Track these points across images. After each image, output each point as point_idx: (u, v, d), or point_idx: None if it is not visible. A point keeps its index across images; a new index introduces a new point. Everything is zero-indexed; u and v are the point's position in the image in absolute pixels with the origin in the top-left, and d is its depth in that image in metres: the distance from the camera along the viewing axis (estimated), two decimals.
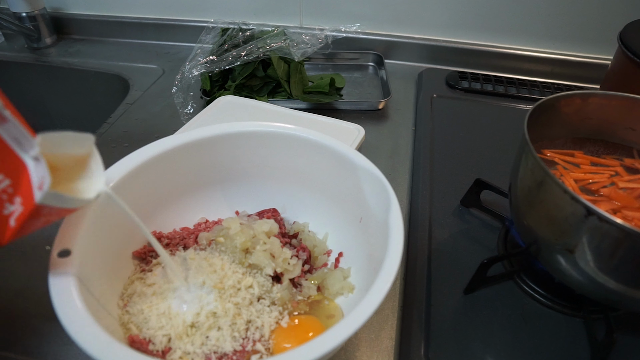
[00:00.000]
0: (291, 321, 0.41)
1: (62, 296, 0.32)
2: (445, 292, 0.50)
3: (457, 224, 0.59)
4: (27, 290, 0.50)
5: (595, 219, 0.36)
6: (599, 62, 0.89)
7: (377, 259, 0.38)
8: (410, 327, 0.47)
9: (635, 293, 0.40)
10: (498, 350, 0.45)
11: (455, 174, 0.66)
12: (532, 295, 0.50)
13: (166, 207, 0.48)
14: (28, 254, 0.53)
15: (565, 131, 0.53)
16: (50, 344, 0.45)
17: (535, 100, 0.51)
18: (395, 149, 0.73)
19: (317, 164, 0.48)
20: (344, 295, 0.45)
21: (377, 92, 0.88)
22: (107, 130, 0.75)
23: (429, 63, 0.96)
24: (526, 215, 0.46)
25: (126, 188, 0.42)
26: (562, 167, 0.49)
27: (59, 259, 0.34)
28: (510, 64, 0.93)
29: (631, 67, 0.65)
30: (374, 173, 0.43)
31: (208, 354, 0.37)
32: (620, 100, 0.50)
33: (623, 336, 0.45)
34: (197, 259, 0.43)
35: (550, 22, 0.89)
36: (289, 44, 0.80)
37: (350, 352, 0.46)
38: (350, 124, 0.65)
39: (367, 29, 0.96)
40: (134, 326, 0.38)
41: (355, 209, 0.46)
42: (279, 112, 0.68)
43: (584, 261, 0.40)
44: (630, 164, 0.50)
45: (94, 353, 0.29)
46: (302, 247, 0.50)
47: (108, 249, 0.41)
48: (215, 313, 0.39)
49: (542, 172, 0.41)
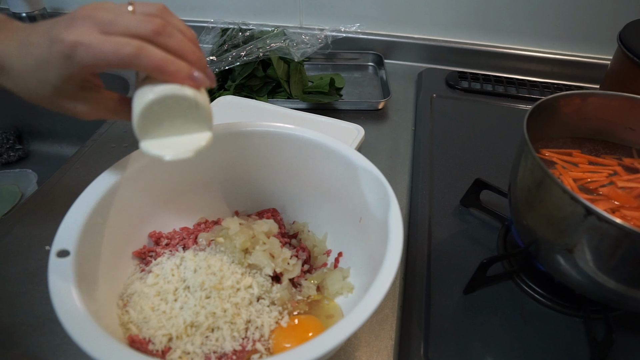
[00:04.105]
0: (291, 321, 0.41)
1: (62, 296, 0.32)
2: (444, 292, 0.50)
3: (457, 223, 0.59)
4: (26, 290, 0.50)
5: (595, 218, 0.36)
6: (598, 62, 0.90)
7: (376, 258, 0.38)
8: (410, 327, 0.47)
9: (634, 293, 0.40)
10: (497, 350, 0.45)
11: (455, 174, 0.66)
12: (531, 295, 0.50)
13: (166, 207, 0.48)
14: (27, 254, 0.53)
15: (565, 131, 0.53)
16: (50, 344, 0.45)
17: (535, 100, 0.51)
18: (394, 149, 0.73)
19: (317, 164, 0.48)
20: (344, 295, 0.45)
21: (377, 92, 0.88)
22: (107, 130, 0.75)
23: (428, 63, 0.97)
24: (526, 215, 0.46)
25: (126, 188, 0.42)
26: (560, 166, 0.49)
27: (59, 259, 0.34)
28: (510, 64, 0.93)
29: (631, 67, 0.65)
30: (373, 173, 0.43)
31: (208, 354, 0.37)
32: (620, 100, 0.50)
33: (622, 336, 0.45)
34: (197, 259, 0.43)
35: (550, 22, 0.89)
36: (289, 44, 0.80)
37: (350, 352, 0.46)
38: (350, 124, 0.65)
39: (367, 29, 0.96)
40: (133, 326, 0.38)
41: (355, 209, 0.46)
42: (279, 112, 0.68)
43: (583, 261, 0.40)
44: (629, 163, 0.50)
45: (94, 353, 0.29)
46: (301, 247, 0.50)
47: (108, 249, 0.41)
48: (214, 313, 0.39)
49: (541, 172, 0.41)
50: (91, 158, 0.69)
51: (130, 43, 0.32)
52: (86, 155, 0.70)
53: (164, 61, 0.33)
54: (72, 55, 0.32)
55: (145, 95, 0.34)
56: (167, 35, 0.34)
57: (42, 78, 0.34)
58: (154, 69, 0.33)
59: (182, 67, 0.34)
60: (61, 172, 0.66)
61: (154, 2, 0.37)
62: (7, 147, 0.99)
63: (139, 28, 0.33)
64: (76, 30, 0.32)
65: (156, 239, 0.47)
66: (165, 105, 0.34)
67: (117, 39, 0.32)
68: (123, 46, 0.32)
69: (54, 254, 0.34)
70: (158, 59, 0.33)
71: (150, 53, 0.33)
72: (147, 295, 0.40)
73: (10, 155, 0.98)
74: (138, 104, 0.35)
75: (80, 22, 0.33)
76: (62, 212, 0.37)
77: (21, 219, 0.58)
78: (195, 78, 0.35)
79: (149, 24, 0.33)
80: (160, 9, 0.35)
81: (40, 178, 0.93)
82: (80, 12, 0.33)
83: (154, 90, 0.34)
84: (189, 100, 0.35)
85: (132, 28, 0.33)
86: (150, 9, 0.35)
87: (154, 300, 0.40)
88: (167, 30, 0.34)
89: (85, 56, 0.32)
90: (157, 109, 0.34)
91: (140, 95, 0.35)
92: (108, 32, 0.33)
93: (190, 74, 0.35)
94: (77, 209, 0.38)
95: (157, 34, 0.33)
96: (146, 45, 0.33)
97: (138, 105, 0.34)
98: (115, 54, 0.32)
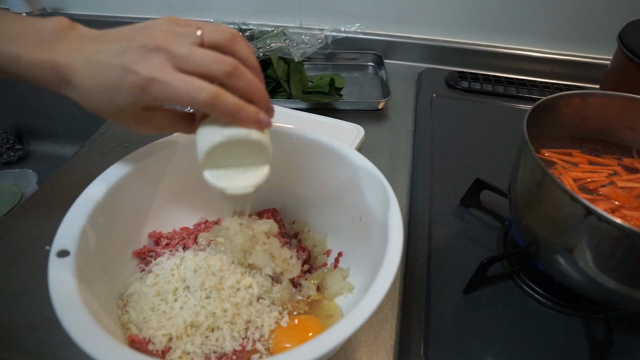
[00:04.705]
0: (291, 321, 0.41)
1: (62, 296, 0.32)
2: (444, 292, 0.50)
3: (457, 224, 0.59)
4: (26, 290, 0.50)
5: (595, 218, 0.36)
6: (598, 62, 0.90)
7: (376, 258, 0.38)
8: (409, 327, 0.47)
9: (634, 293, 0.40)
10: (497, 350, 0.45)
11: (455, 174, 0.66)
12: (531, 295, 0.50)
13: (166, 207, 0.48)
14: (27, 254, 0.53)
15: (565, 131, 0.53)
16: (50, 344, 0.45)
17: (535, 100, 0.51)
18: (394, 149, 0.73)
19: (317, 164, 0.48)
20: (344, 295, 0.45)
21: (377, 92, 0.88)
22: (107, 130, 0.75)
23: (428, 63, 0.96)
24: (526, 215, 0.46)
25: (126, 188, 0.43)
26: (560, 166, 0.49)
27: (59, 259, 0.34)
28: (510, 64, 0.93)
29: (631, 67, 0.65)
30: (373, 173, 0.43)
31: (208, 354, 0.37)
32: (620, 100, 0.50)
33: (622, 336, 0.45)
34: (197, 259, 0.43)
35: (550, 22, 0.89)
36: (289, 44, 0.80)
37: (350, 352, 0.46)
38: (350, 124, 0.65)
39: (367, 29, 0.96)
40: (133, 326, 0.38)
41: (355, 209, 0.46)
42: (279, 112, 0.68)
43: (583, 261, 0.40)
44: (629, 163, 0.50)
45: (94, 353, 0.29)
46: (301, 247, 0.50)
47: (108, 249, 0.41)
48: (214, 313, 0.39)
49: (541, 172, 0.41)
50: (91, 158, 0.69)
51: (205, 89, 0.33)
52: (86, 155, 0.70)
53: (235, 109, 0.34)
54: (146, 89, 0.33)
55: (214, 135, 0.36)
56: (238, 76, 0.35)
57: (109, 99, 0.35)
58: (226, 116, 0.35)
59: (250, 113, 0.35)
60: (61, 172, 0.66)
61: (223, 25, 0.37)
62: (7, 147, 0.99)
63: (212, 69, 0.34)
64: (151, 65, 0.33)
65: (156, 239, 0.47)
66: (232, 145, 0.36)
67: (193, 82, 0.33)
68: (198, 91, 0.33)
69: (54, 254, 0.34)
70: (231, 107, 0.34)
71: (223, 101, 0.34)
72: (147, 295, 0.40)
73: (10, 155, 0.99)
74: (205, 143, 0.36)
75: (154, 55, 0.33)
76: (62, 212, 0.37)
77: (21, 219, 0.58)
78: (262, 121, 0.36)
79: (222, 65, 0.34)
80: (229, 38, 0.36)
81: (40, 178, 0.93)
82: (153, 39, 0.34)
83: (223, 133, 0.36)
84: (254, 143, 0.37)
85: (205, 68, 0.34)
86: (218, 37, 0.35)
87: (154, 300, 0.40)
88: (237, 72, 0.35)
89: (159, 93, 0.33)
90: (223, 148, 0.36)
91: (207, 134, 0.37)
92: (182, 69, 0.33)
93: (257, 119, 0.36)
94: (77, 209, 0.38)
95: (229, 76, 0.34)
96: (220, 93, 0.34)
97: (205, 144, 0.36)
98: (189, 97, 0.33)
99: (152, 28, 0.35)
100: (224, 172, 0.38)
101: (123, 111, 0.35)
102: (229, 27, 0.37)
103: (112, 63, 0.34)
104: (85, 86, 0.35)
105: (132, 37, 0.34)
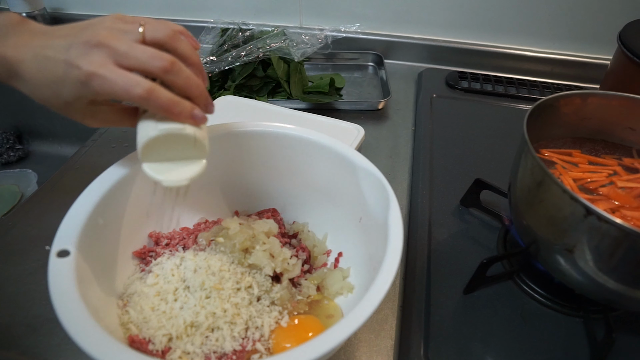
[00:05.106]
0: (291, 321, 0.41)
1: (62, 296, 0.32)
2: (444, 292, 0.50)
3: (457, 224, 0.59)
4: (26, 290, 0.50)
5: (594, 218, 0.36)
6: (598, 62, 0.89)
7: (376, 258, 0.38)
8: (409, 327, 0.47)
9: (634, 293, 0.40)
10: (497, 350, 0.45)
11: (454, 174, 0.66)
12: (531, 295, 0.50)
13: (166, 207, 0.48)
14: (27, 254, 0.53)
15: (565, 131, 0.53)
16: (50, 344, 0.45)
17: (535, 100, 0.51)
18: (394, 149, 0.73)
19: (317, 164, 0.48)
20: (344, 295, 0.45)
21: (377, 92, 0.88)
22: (107, 130, 0.75)
23: (428, 63, 0.96)
24: (525, 215, 0.46)
25: (126, 188, 0.43)
26: (560, 166, 0.49)
27: (59, 259, 0.34)
28: (510, 64, 0.93)
29: (631, 67, 0.65)
30: (373, 173, 0.43)
31: (208, 354, 0.37)
32: (620, 100, 0.50)
33: (622, 336, 0.45)
34: (197, 259, 0.43)
35: (550, 22, 0.89)
36: (289, 44, 0.80)
37: (350, 352, 0.46)
38: (349, 124, 0.65)
39: (367, 29, 0.96)
40: (133, 326, 0.38)
41: (355, 209, 0.46)
42: (279, 112, 0.68)
43: (583, 261, 0.40)
44: (629, 163, 0.50)
45: (94, 353, 0.29)
46: (301, 247, 0.50)
47: (108, 249, 0.41)
48: (214, 313, 0.39)
49: (541, 172, 0.41)
50: (91, 158, 0.69)
51: (140, 84, 0.35)
52: (86, 155, 0.70)
53: (169, 104, 0.36)
54: (87, 84, 0.35)
55: (149, 130, 0.37)
56: (175, 73, 0.36)
57: (55, 92, 0.36)
58: (160, 111, 0.36)
59: (185, 108, 0.37)
60: (61, 172, 0.66)
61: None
62: (7, 147, 0.99)
63: (149, 65, 0.35)
64: (92, 60, 0.34)
65: (156, 239, 0.47)
66: (167, 139, 0.38)
67: (130, 78, 0.35)
68: (134, 86, 0.34)
69: (54, 254, 0.34)
70: (164, 102, 0.36)
71: (157, 96, 0.35)
72: (147, 295, 0.40)
73: (10, 155, 0.99)
74: (142, 136, 0.38)
75: (96, 51, 0.35)
76: (62, 212, 0.37)
77: (21, 219, 0.58)
78: (196, 116, 0.38)
79: (159, 62, 0.35)
80: (170, 35, 0.37)
81: (40, 178, 0.93)
82: (97, 36, 0.35)
83: (157, 128, 0.37)
84: (188, 137, 0.38)
85: (143, 64, 0.35)
86: (160, 34, 0.37)
87: (154, 300, 0.40)
88: (175, 68, 0.36)
89: (98, 87, 0.35)
90: (159, 142, 0.38)
91: (144, 128, 0.38)
92: (122, 65, 0.35)
93: (192, 114, 0.37)
94: (77, 209, 0.38)
95: (166, 72, 0.36)
96: (154, 88, 0.35)
97: (142, 137, 0.38)
98: (126, 91, 0.34)
99: (98, 25, 0.36)
100: (162, 165, 0.39)
101: (69, 104, 0.37)
102: (172, 24, 0.38)
103: (58, 58, 0.35)
104: (33, 79, 0.36)
105: (78, 34, 0.36)
